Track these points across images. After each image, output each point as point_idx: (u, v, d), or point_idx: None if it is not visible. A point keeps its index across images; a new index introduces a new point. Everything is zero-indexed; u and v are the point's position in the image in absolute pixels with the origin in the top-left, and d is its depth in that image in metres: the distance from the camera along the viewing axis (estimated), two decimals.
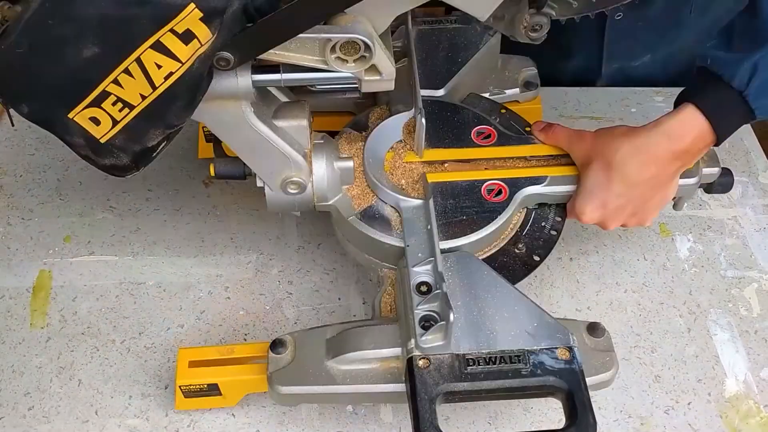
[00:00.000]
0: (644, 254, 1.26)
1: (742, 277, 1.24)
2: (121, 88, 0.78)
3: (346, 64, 0.86)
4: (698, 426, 1.06)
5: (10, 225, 1.25)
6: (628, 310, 1.19)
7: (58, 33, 0.74)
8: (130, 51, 0.76)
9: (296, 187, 1.00)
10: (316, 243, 1.25)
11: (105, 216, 1.27)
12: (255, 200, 1.02)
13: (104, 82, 0.78)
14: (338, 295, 1.19)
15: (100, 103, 0.79)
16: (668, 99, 1.50)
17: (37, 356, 1.10)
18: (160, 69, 0.78)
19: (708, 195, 1.26)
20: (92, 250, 1.23)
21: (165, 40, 0.76)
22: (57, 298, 1.17)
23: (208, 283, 1.20)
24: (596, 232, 1.28)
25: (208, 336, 1.13)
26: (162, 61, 0.77)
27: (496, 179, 1.06)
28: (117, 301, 1.17)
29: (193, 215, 1.28)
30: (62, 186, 1.31)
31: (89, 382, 1.08)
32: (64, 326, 1.14)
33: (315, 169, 1.00)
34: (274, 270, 1.22)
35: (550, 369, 0.88)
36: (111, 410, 1.05)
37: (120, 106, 0.80)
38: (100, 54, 0.76)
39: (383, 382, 0.91)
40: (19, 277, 1.19)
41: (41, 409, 1.05)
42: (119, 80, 0.78)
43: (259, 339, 1.13)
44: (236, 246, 1.24)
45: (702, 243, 1.28)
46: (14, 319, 1.14)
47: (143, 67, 0.77)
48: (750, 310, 1.20)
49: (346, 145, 1.08)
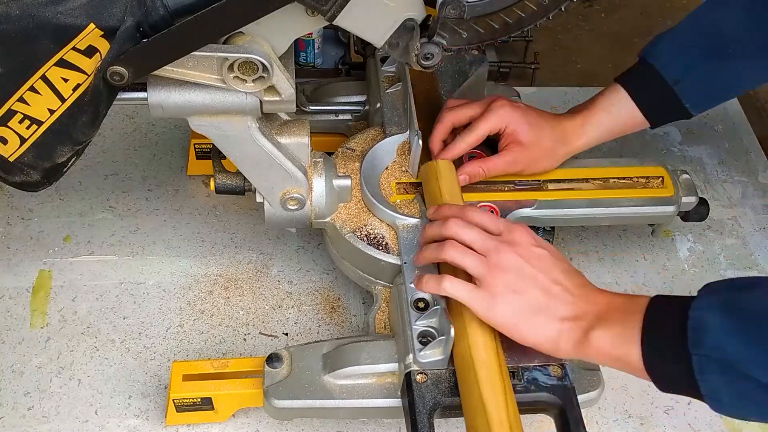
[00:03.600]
0: (644, 254, 1.26)
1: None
2: (28, 106, 0.80)
3: (245, 83, 0.87)
4: (698, 426, 1.06)
5: (10, 225, 1.25)
6: None
7: None
8: (34, 70, 0.78)
9: (295, 203, 1.01)
10: (316, 243, 1.25)
11: (105, 216, 1.27)
12: (255, 201, 1.02)
13: (10, 101, 0.79)
14: (338, 295, 1.19)
15: (7, 122, 0.81)
16: None
17: (36, 356, 1.10)
18: (67, 82, 0.80)
19: (708, 195, 1.26)
20: (92, 250, 1.23)
21: (68, 57, 0.78)
22: (57, 298, 1.17)
23: (208, 283, 1.20)
24: (596, 232, 1.28)
25: (207, 336, 1.13)
26: (68, 75, 0.79)
27: (488, 201, 1.08)
28: (117, 301, 1.17)
29: (193, 215, 1.28)
30: (62, 186, 1.31)
31: (89, 382, 1.08)
32: (64, 326, 1.14)
33: (314, 186, 1.02)
34: (274, 270, 1.22)
35: (543, 385, 0.88)
36: (111, 410, 1.05)
37: (27, 123, 0.81)
38: (4, 74, 0.78)
39: (379, 397, 0.93)
40: (18, 277, 1.19)
41: (41, 409, 1.05)
42: (25, 98, 0.79)
43: (258, 339, 1.13)
44: (236, 246, 1.24)
45: (702, 243, 1.28)
46: (14, 319, 1.14)
47: (49, 83, 0.79)
48: None
49: (342, 164, 1.09)
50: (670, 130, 1.46)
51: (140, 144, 1.37)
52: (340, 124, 1.22)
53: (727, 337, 0.72)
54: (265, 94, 0.90)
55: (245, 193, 1.05)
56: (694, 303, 0.75)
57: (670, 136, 1.45)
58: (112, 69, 0.80)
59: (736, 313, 0.73)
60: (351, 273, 1.09)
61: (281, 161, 0.97)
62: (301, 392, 0.93)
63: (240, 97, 0.89)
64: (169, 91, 0.88)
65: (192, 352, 1.11)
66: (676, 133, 1.46)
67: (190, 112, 0.90)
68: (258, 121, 0.93)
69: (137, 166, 1.34)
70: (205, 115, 0.91)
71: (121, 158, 1.35)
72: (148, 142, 1.38)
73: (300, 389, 0.93)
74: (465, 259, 0.87)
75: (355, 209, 1.07)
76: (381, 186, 1.08)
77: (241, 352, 1.12)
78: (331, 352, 0.95)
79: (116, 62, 0.80)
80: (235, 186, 1.05)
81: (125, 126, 1.39)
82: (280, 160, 0.97)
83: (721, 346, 0.72)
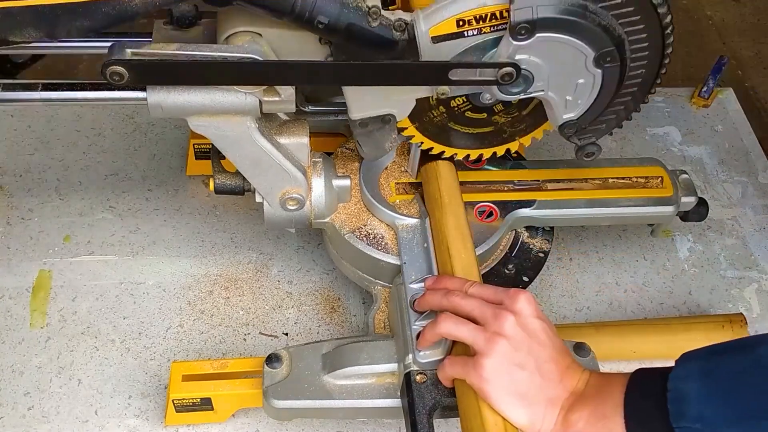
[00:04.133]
0: (644, 254, 1.26)
1: (742, 277, 1.24)
2: None
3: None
4: None
5: (10, 225, 1.25)
6: (628, 310, 1.19)
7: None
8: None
9: (295, 203, 1.01)
10: (316, 243, 1.25)
11: (105, 216, 1.27)
12: (254, 201, 1.02)
13: None
14: (338, 295, 1.19)
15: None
16: (668, 99, 1.51)
17: (36, 356, 1.10)
18: None
19: (708, 195, 1.26)
20: (92, 250, 1.23)
21: None
22: (57, 298, 1.17)
23: (208, 283, 1.20)
24: (596, 232, 1.28)
25: (207, 336, 1.13)
26: None
27: (488, 201, 1.08)
28: (117, 301, 1.17)
29: (193, 215, 1.28)
30: (62, 186, 1.31)
31: (89, 382, 1.08)
32: (64, 326, 1.14)
33: (313, 186, 1.02)
34: (274, 270, 1.22)
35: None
36: (111, 410, 1.05)
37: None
38: None
39: (379, 397, 0.93)
40: (18, 276, 1.19)
41: (41, 408, 1.05)
42: None
43: (258, 339, 1.13)
44: (236, 246, 1.24)
45: (702, 243, 1.28)
46: (14, 318, 1.14)
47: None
48: (750, 310, 1.20)
49: (342, 164, 1.10)
50: (670, 130, 1.46)
51: (140, 144, 1.37)
52: (340, 124, 1.22)
53: (707, 406, 0.71)
54: (265, 95, 0.90)
55: (245, 193, 1.05)
56: (672, 373, 0.74)
57: (670, 136, 1.45)
58: (111, 69, 0.80)
59: (713, 378, 0.72)
60: (351, 273, 1.09)
61: (280, 161, 0.97)
62: (301, 392, 0.93)
63: (239, 97, 0.89)
64: (169, 91, 0.88)
65: (192, 352, 1.12)
66: (676, 133, 1.46)
67: (189, 112, 0.90)
68: (257, 121, 0.93)
69: (137, 166, 1.34)
70: (204, 115, 0.91)
71: (121, 158, 1.35)
72: (148, 142, 1.38)
73: (299, 389, 0.93)
74: (461, 331, 0.84)
75: (354, 209, 1.07)
76: (380, 186, 1.08)
77: (241, 352, 1.12)
78: (331, 352, 0.95)
79: (118, 63, 0.80)
80: (235, 186, 1.05)
81: (125, 126, 1.39)
82: (280, 160, 0.97)
83: (702, 415, 0.71)
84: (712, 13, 1.91)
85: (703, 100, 1.50)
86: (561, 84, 0.91)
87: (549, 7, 0.83)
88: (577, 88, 0.92)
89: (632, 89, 0.94)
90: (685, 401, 0.72)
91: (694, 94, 1.51)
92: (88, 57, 1.61)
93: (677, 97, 1.52)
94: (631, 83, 0.93)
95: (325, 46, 0.90)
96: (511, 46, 0.86)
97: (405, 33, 0.86)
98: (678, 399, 0.72)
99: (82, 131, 1.38)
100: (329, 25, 0.83)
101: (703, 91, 1.50)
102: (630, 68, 0.90)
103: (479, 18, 0.86)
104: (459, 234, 0.98)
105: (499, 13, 0.85)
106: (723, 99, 1.52)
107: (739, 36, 1.85)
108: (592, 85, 0.92)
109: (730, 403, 0.70)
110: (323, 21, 0.83)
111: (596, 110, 0.95)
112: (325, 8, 0.82)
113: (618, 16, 0.86)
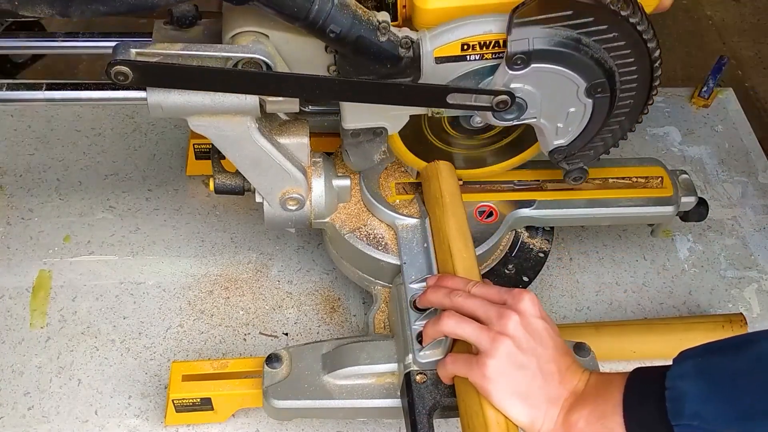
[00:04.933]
0: (644, 254, 1.26)
1: (742, 277, 1.24)
2: None
3: None
4: None
5: (10, 225, 1.25)
6: (628, 311, 1.19)
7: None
8: None
9: (295, 203, 1.01)
10: (316, 243, 1.25)
11: (105, 216, 1.27)
12: (254, 201, 1.02)
13: None
14: (338, 295, 1.19)
15: None
16: (668, 99, 1.51)
17: (36, 356, 1.10)
18: None
19: (708, 195, 1.26)
20: (92, 250, 1.23)
21: None
22: (57, 297, 1.17)
23: (208, 283, 1.20)
24: (596, 232, 1.28)
25: (207, 336, 1.13)
26: None
27: (488, 201, 1.09)
28: (116, 301, 1.17)
29: (193, 215, 1.28)
30: (62, 186, 1.31)
31: (89, 382, 1.08)
32: (64, 326, 1.14)
33: (313, 186, 1.02)
34: (274, 270, 1.22)
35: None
36: (111, 410, 1.05)
37: None
38: None
39: (379, 397, 0.93)
40: (18, 276, 1.19)
41: (41, 408, 1.05)
42: None
43: (258, 339, 1.13)
44: (236, 246, 1.24)
45: (702, 243, 1.28)
46: (14, 318, 1.14)
47: None
48: (750, 310, 1.20)
49: (342, 164, 1.09)
50: (670, 130, 1.46)
51: (140, 144, 1.37)
52: (340, 124, 1.22)
53: (704, 404, 0.71)
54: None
55: (245, 193, 1.05)
56: (669, 371, 0.74)
57: (670, 136, 1.45)
58: (116, 69, 0.80)
59: (710, 376, 0.72)
60: (351, 273, 1.09)
61: (280, 161, 0.97)
62: (301, 392, 0.93)
63: (240, 97, 0.89)
64: (169, 90, 0.88)
65: (192, 352, 1.12)
66: (676, 133, 1.46)
67: (189, 112, 0.90)
68: (257, 121, 0.93)
69: (137, 166, 1.34)
70: (204, 115, 0.90)
71: (121, 158, 1.35)
72: (148, 142, 1.38)
73: (299, 389, 0.93)
74: (465, 329, 0.84)
75: (354, 209, 1.07)
76: (380, 186, 1.08)
77: (241, 352, 1.12)
78: (331, 352, 0.95)
79: (123, 63, 0.80)
80: (235, 186, 1.05)
81: (125, 126, 1.40)
82: (280, 160, 0.97)
83: (700, 413, 0.71)
84: (712, 13, 1.91)
85: (703, 100, 1.50)
86: (553, 112, 0.95)
87: (544, 39, 0.87)
88: (569, 116, 0.95)
89: (620, 118, 0.97)
90: (683, 399, 0.72)
91: (694, 94, 1.51)
92: (88, 57, 1.61)
93: (677, 97, 1.52)
94: (619, 112, 0.96)
95: (330, 54, 0.90)
96: (506, 75, 0.90)
97: (410, 51, 0.88)
98: (676, 397, 0.73)
99: (82, 131, 1.38)
100: (340, 35, 0.84)
101: (703, 91, 1.50)
102: (619, 98, 0.94)
103: (483, 44, 0.89)
104: (460, 234, 0.99)
105: (502, 42, 0.88)
106: (723, 99, 1.52)
107: (739, 36, 1.85)
108: (583, 114, 0.95)
109: (728, 400, 0.71)
110: (335, 30, 0.83)
111: (586, 137, 0.99)
112: (338, 18, 0.83)
113: (609, 50, 0.89)
